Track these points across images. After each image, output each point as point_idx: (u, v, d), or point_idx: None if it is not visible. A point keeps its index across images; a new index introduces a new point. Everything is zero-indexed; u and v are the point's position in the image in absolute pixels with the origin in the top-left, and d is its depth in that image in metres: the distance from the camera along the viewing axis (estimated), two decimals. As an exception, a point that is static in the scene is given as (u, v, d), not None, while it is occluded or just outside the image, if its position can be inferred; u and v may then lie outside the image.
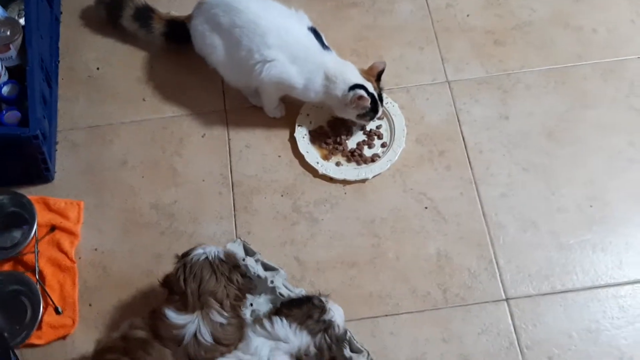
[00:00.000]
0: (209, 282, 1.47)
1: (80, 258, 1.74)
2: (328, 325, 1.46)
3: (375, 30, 2.09)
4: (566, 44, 2.03)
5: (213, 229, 1.78)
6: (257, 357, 1.41)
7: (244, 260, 1.65)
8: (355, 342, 1.56)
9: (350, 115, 1.82)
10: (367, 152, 1.88)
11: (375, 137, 1.90)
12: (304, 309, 1.47)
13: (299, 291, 1.64)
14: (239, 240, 1.74)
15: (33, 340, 1.63)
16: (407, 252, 1.74)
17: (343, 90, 1.76)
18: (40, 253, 1.71)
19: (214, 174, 1.86)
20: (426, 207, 1.80)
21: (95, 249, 1.76)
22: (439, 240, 1.75)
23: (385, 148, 1.88)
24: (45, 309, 1.65)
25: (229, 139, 1.91)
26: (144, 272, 1.73)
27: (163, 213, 1.81)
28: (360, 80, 1.77)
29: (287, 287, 1.64)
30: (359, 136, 1.90)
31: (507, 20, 2.08)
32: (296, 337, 1.43)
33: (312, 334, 1.44)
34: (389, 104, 1.92)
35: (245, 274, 1.55)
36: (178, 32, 1.93)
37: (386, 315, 1.65)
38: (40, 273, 1.69)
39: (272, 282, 1.63)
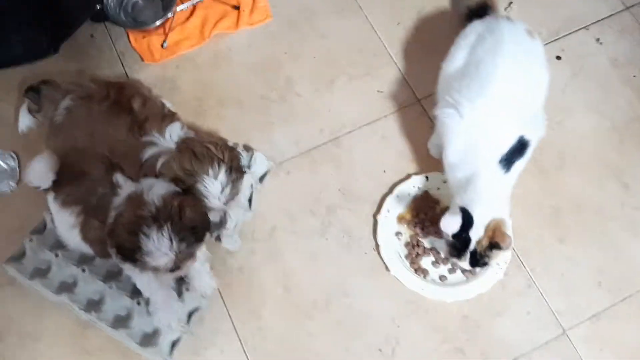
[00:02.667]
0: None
1: (214, 40, 1.83)
2: None
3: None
4: None
5: (281, 140, 1.70)
6: None
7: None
8: None
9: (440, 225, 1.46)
10: (425, 261, 1.57)
11: (447, 265, 1.56)
12: None
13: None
14: (272, 164, 1.65)
15: (132, 38, 1.82)
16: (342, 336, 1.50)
17: (460, 204, 1.42)
18: (204, 3, 1.83)
19: (345, 118, 1.73)
20: (380, 349, 1.48)
21: (229, 50, 1.83)
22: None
23: (439, 281, 1.55)
24: (160, 33, 1.81)
25: (384, 116, 1.74)
26: (237, 99, 1.76)
27: (285, 92, 1.77)
28: (479, 219, 1.39)
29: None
30: (441, 244, 1.58)
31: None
32: None
33: None
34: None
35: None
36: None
37: (243, 341, 1.50)
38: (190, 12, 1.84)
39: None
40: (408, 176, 1.65)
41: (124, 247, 1.26)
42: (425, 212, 1.61)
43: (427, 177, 1.64)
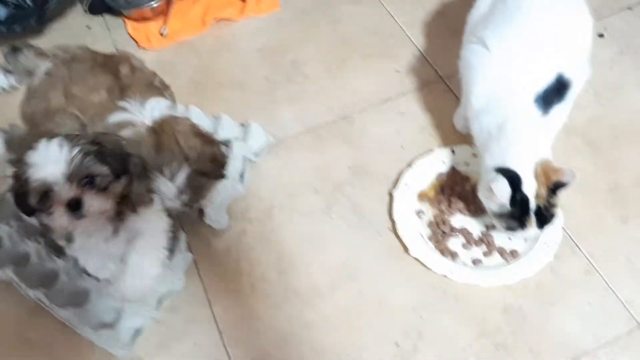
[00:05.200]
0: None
1: (216, 27, 1.69)
2: None
3: None
4: None
5: (283, 118, 1.49)
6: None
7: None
8: None
9: (484, 201, 1.21)
10: (453, 243, 1.26)
11: (481, 247, 1.26)
12: None
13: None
14: (271, 138, 1.43)
15: (130, 26, 1.70)
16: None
17: (492, 164, 1.17)
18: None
19: (358, 96, 1.52)
20: (397, 344, 1.15)
21: (233, 37, 1.68)
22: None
23: (473, 265, 1.23)
24: (159, 20, 1.69)
25: (403, 94, 1.52)
26: (238, 82, 1.58)
27: (292, 73, 1.58)
28: (523, 170, 1.14)
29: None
30: (473, 225, 1.28)
31: None
32: None
33: None
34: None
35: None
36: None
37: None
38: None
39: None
40: (431, 151, 1.39)
41: None
42: (451, 188, 1.33)
43: (453, 151, 1.38)
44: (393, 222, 1.29)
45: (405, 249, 1.25)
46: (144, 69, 1.40)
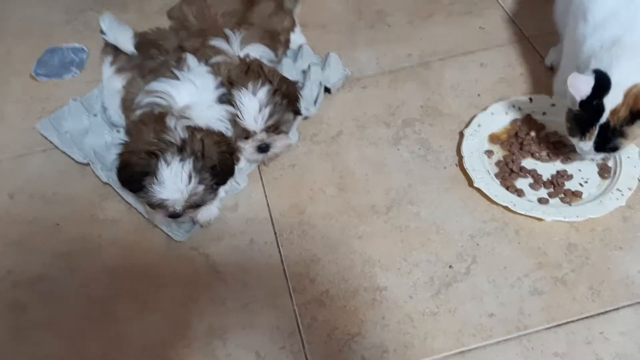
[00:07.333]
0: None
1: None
2: None
3: None
4: None
5: (361, 58, 1.52)
6: None
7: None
8: None
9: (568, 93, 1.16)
10: (520, 182, 1.24)
11: (549, 188, 1.22)
12: None
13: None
14: (348, 72, 1.46)
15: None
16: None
17: (595, 66, 1.13)
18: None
19: (438, 46, 1.53)
20: (451, 266, 1.13)
21: None
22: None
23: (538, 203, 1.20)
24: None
25: (485, 48, 1.51)
26: (321, 24, 1.61)
27: (375, 21, 1.62)
28: (618, 83, 1.09)
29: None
30: (544, 169, 1.25)
31: None
32: None
33: None
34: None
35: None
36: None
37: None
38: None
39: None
40: (507, 98, 1.37)
41: (134, 165, 1.09)
42: (525, 133, 1.31)
43: (530, 99, 1.36)
44: (460, 157, 1.28)
45: (470, 182, 1.23)
46: (287, 16, 1.45)
